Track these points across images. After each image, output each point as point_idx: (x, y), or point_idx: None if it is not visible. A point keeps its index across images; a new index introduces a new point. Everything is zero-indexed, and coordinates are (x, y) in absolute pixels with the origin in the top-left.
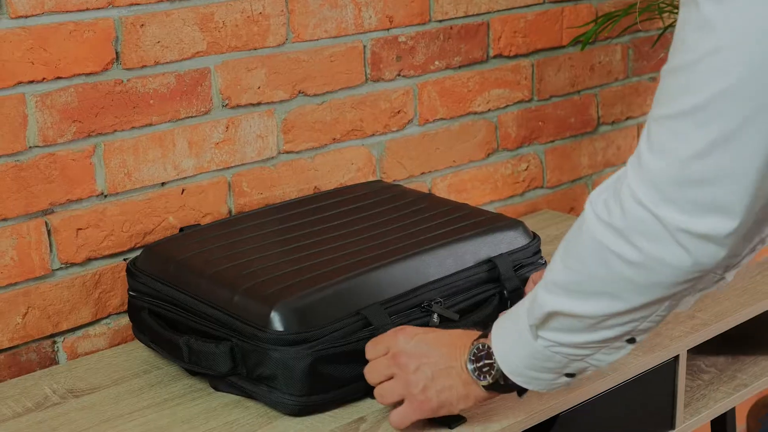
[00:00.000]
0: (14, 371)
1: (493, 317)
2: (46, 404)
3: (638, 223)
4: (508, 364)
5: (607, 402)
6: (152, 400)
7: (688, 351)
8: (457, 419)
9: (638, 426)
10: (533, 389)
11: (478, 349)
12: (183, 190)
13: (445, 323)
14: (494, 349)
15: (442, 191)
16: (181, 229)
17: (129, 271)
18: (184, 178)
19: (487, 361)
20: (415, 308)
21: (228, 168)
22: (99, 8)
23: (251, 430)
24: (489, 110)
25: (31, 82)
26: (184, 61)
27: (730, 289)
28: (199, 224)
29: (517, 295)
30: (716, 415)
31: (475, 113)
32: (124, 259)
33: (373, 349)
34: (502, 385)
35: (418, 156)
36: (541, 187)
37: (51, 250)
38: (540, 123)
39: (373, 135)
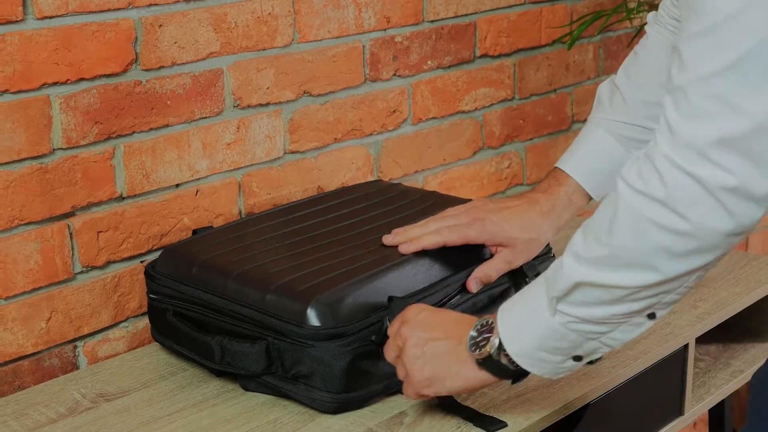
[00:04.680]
0: (38, 377)
1: None
2: (79, 409)
3: (679, 189)
4: (516, 344)
5: (625, 392)
6: (187, 402)
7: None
8: (497, 423)
9: (651, 413)
10: (537, 373)
11: (482, 324)
12: (197, 191)
13: None
14: (500, 327)
15: (433, 189)
16: (194, 232)
17: (148, 274)
18: (198, 179)
19: (486, 335)
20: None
21: (238, 168)
22: (120, 8)
23: (295, 428)
24: (475, 109)
25: (56, 83)
26: (199, 61)
27: (724, 279)
28: (211, 226)
29: None
30: (719, 401)
31: (463, 112)
32: (141, 262)
33: (390, 327)
34: (496, 365)
35: (412, 155)
36: (522, 183)
37: (73, 254)
38: (521, 121)
39: (371, 134)
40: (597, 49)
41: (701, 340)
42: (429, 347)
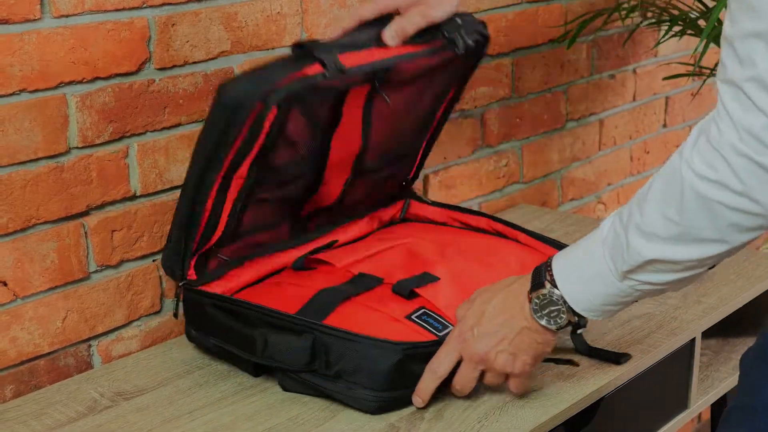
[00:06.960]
0: (53, 376)
1: None
2: (98, 408)
3: (749, 177)
4: (582, 303)
5: (636, 386)
6: (206, 400)
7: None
8: (625, 356)
9: (659, 407)
10: (595, 318)
11: (539, 299)
12: None
13: None
14: (563, 292)
15: (434, 187)
16: None
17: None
18: None
19: (553, 308)
20: None
21: None
22: (134, 8)
23: (316, 425)
24: (475, 107)
25: (72, 82)
26: (210, 60)
27: (725, 275)
28: None
29: None
30: (722, 394)
31: (464, 110)
32: (153, 261)
33: (445, 358)
34: (569, 323)
35: None
36: (518, 182)
37: (88, 253)
38: (518, 120)
39: None
40: (590, 49)
41: (702, 334)
42: (516, 352)
